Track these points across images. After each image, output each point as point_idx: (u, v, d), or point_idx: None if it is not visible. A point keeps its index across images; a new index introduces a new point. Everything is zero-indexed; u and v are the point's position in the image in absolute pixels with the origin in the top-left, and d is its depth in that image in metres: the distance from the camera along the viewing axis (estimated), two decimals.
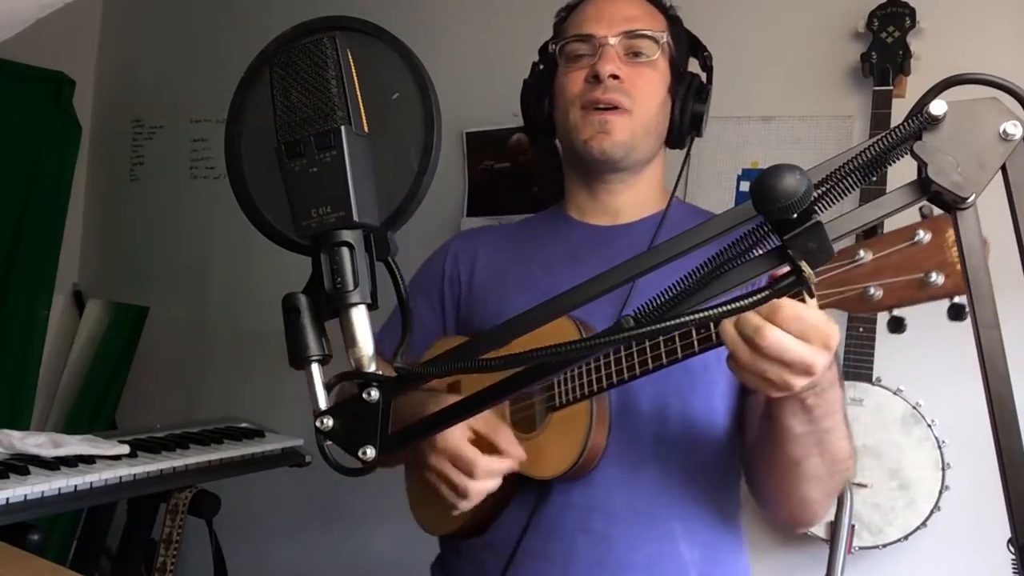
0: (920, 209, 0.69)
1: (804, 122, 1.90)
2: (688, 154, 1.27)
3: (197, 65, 2.90)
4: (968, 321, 0.59)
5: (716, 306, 0.59)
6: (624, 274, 0.64)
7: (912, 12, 1.71)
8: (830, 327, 0.81)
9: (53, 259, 2.99)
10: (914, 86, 1.74)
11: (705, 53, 1.28)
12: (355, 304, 0.64)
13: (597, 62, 1.17)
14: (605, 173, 1.23)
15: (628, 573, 1.09)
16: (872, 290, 0.78)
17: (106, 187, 3.18)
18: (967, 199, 0.58)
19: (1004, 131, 0.57)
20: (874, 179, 0.62)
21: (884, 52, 1.73)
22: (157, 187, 3.04)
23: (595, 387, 1.02)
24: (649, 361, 0.97)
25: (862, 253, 0.79)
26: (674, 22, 1.26)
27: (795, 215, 0.57)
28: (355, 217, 0.63)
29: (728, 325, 0.81)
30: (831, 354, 0.83)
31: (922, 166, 0.59)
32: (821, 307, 0.82)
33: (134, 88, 3.12)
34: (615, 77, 1.16)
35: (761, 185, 0.57)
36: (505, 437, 1.06)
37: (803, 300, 0.79)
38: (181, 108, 2.93)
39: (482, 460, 1.02)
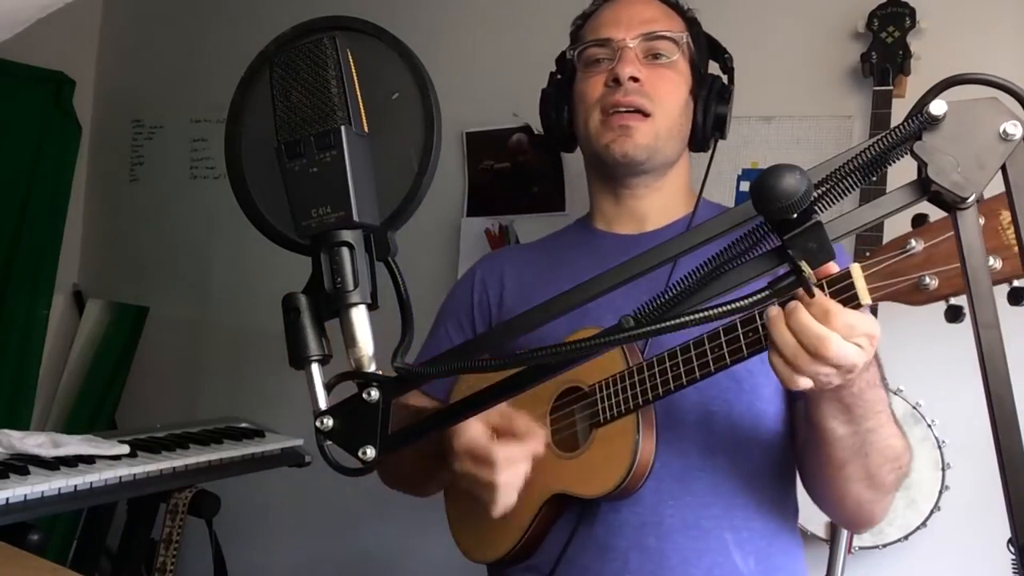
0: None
1: (804, 122, 1.90)
2: (712, 156, 1.25)
3: (197, 65, 2.90)
4: (967, 321, 0.59)
5: (716, 306, 0.59)
6: (624, 274, 0.64)
7: (912, 12, 1.71)
8: (876, 328, 0.81)
9: (53, 259, 2.99)
10: (914, 86, 1.74)
11: (726, 55, 1.27)
12: (355, 304, 0.64)
13: (616, 65, 1.15)
14: (628, 177, 1.20)
15: None
16: (927, 279, 0.77)
17: (106, 187, 3.18)
18: (967, 199, 0.58)
19: (1004, 131, 0.57)
20: (874, 179, 0.62)
21: (884, 52, 1.72)
22: (157, 187, 3.04)
23: (640, 400, 1.00)
24: (696, 370, 0.94)
25: (913, 242, 0.77)
26: (692, 24, 1.24)
27: (795, 215, 0.58)
28: (355, 217, 0.63)
29: (786, 333, 0.79)
30: (873, 351, 0.83)
31: (922, 166, 0.59)
32: (875, 300, 0.80)
33: (134, 88, 3.12)
34: (635, 80, 1.14)
35: (761, 185, 0.57)
36: (522, 422, 1.02)
37: (858, 304, 0.78)
38: (181, 108, 2.93)
39: (499, 449, 0.98)
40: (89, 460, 1.66)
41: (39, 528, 1.52)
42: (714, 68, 1.30)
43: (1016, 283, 0.73)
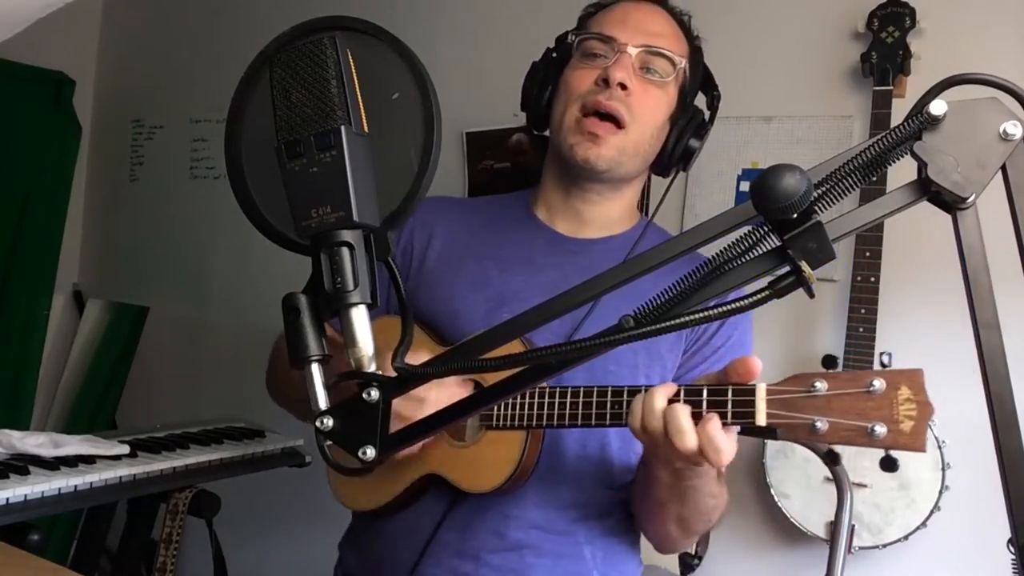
0: (880, 358, 0.76)
1: (804, 122, 1.90)
2: (669, 186, 1.28)
3: (197, 65, 2.90)
4: (968, 322, 0.59)
5: (716, 306, 0.59)
6: (624, 274, 0.64)
7: (912, 12, 1.71)
8: (730, 456, 0.91)
9: (53, 259, 2.99)
10: (914, 86, 1.74)
11: (715, 92, 1.27)
12: (355, 304, 0.64)
13: (611, 66, 1.15)
14: (583, 181, 1.21)
15: (534, 572, 1.16)
16: (819, 424, 0.82)
17: (106, 187, 3.19)
18: (967, 199, 0.58)
19: (1004, 131, 0.57)
20: (874, 179, 0.62)
21: (884, 52, 1.73)
22: (157, 187, 3.04)
23: (534, 423, 1.07)
24: (592, 418, 1.02)
25: (818, 384, 0.83)
26: (695, 52, 1.24)
27: (795, 215, 0.57)
28: (355, 217, 0.63)
29: (657, 405, 0.91)
30: None
31: (922, 166, 0.59)
32: (768, 426, 0.87)
33: (134, 88, 3.13)
34: (623, 87, 1.14)
35: (761, 185, 0.57)
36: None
37: (752, 423, 0.87)
38: (181, 108, 2.93)
39: (432, 391, 1.01)
40: (89, 460, 1.66)
41: (39, 528, 1.52)
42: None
43: (893, 453, 0.81)
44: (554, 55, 1.28)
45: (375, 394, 0.65)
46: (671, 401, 0.91)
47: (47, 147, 2.96)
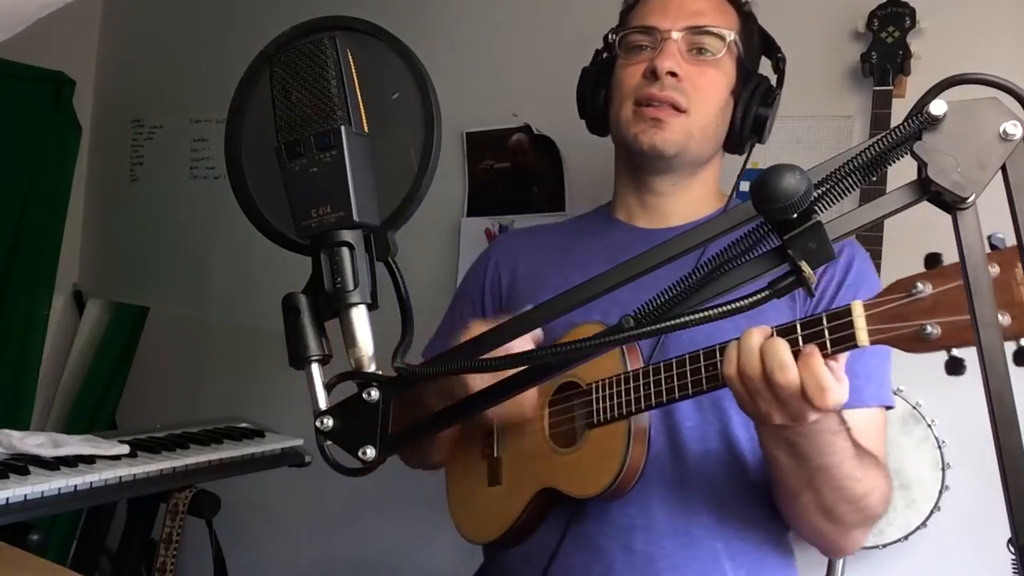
0: (989, 239, 0.64)
1: (804, 122, 1.90)
2: (747, 159, 1.21)
3: (197, 65, 2.90)
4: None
5: (716, 306, 0.59)
6: (625, 273, 0.64)
7: (912, 12, 1.71)
8: (838, 397, 0.82)
9: (53, 259, 2.99)
10: (914, 86, 1.74)
11: (779, 54, 1.22)
12: (355, 304, 0.64)
13: (656, 57, 1.11)
14: (654, 172, 1.17)
15: None
16: (929, 328, 0.73)
17: (106, 187, 3.18)
18: (967, 199, 0.58)
19: (1004, 131, 0.57)
20: (874, 179, 0.62)
21: (884, 52, 1.72)
22: (157, 187, 3.04)
23: (632, 407, 1.00)
24: (690, 386, 0.94)
25: (920, 286, 0.73)
26: (747, 19, 1.19)
27: (795, 215, 0.58)
28: (355, 217, 0.63)
29: (755, 342, 0.83)
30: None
31: (922, 166, 0.59)
32: (873, 343, 0.79)
33: (134, 88, 3.12)
34: (673, 74, 1.11)
35: (761, 185, 0.57)
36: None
37: (854, 344, 0.79)
38: (181, 108, 2.93)
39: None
40: (89, 460, 1.66)
41: (39, 528, 1.52)
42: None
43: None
44: (604, 55, 1.24)
45: (375, 394, 0.65)
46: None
47: (47, 147, 2.95)
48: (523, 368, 0.68)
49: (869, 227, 0.62)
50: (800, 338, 0.82)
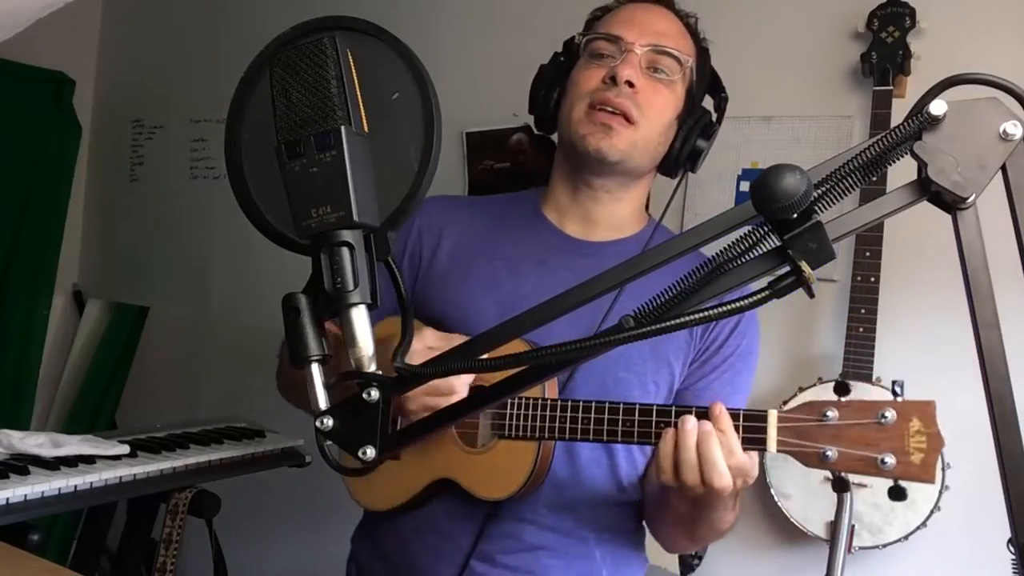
0: (893, 387, 0.79)
1: (804, 122, 1.90)
2: (677, 186, 1.28)
3: (197, 65, 2.90)
4: (968, 322, 0.59)
5: (716, 306, 0.59)
6: (614, 279, 0.64)
7: (912, 12, 1.71)
8: (755, 473, 0.97)
9: (53, 259, 2.99)
10: (914, 86, 1.74)
11: (723, 94, 1.28)
12: (355, 304, 0.64)
13: (618, 65, 1.16)
14: (593, 176, 1.21)
15: (550, 572, 1.19)
16: (829, 452, 0.84)
17: (106, 187, 3.19)
18: (967, 199, 0.58)
19: (1004, 131, 0.57)
20: (874, 179, 0.62)
21: (884, 52, 1.73)
22: (157, 187, 3.04)
23: (546, 435, 1.09)
24: (600, 432, 1.05)
25: (830, 414, 0.84)
26: (702, 53, 1.25)
27: (795, 215, 0.57)
28: (355, 217, 0.63)
29: (691, 452, 0.95)
30: None
31: (922, 166, 0.59)
32: (779, 451, 0.90)
33: (134, 88, 3.13)
34: (631, 85, 1.15)
35: (761, 185, 0.57)
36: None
37: (764, 448, 0.92)
38: (181, 108, 2.93)
39: (455, 380, 1.04)
40: (89, 460, 1.66)
41: (39, 528, 1.52)
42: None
43: (902, 483, 0.83)
44: (562, 58, 1.28)
45: (375, 394, 0.65)
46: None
47: (47, 147, 2.96)
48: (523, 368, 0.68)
49: (869, 227, 0.62)
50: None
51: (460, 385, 1.04)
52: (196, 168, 2.90)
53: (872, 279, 1.69)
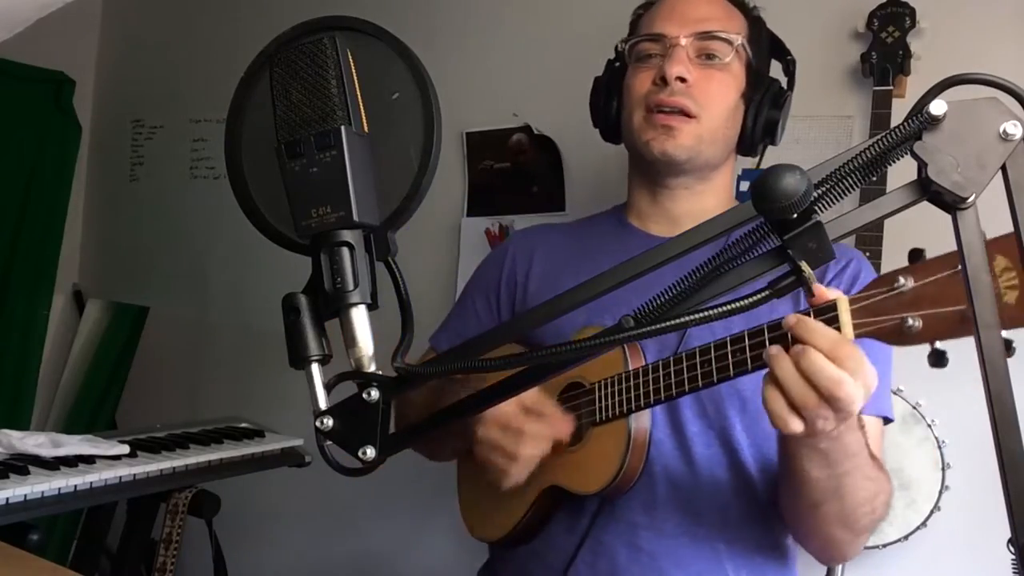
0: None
1: (804, 122, 1.90)
2: (760, 161, 1.24)
3: (197, 65, 2.90)
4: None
5: (716, 306, 0.59)
6: (625, 273, 0.64)
7: (912, 12, 1.71)
8: (873, 374, 0.80)
9: (53, 259, 2.99)
10: (914, 86, 1.74)
11: (789, 57, 1.25)
12: (355, 304, 0.64)
13: (665, 63, 1.13)
14: (667, 177, 1.19)
15: None
16: (911, 321, 0.73)
17: (106, 187, 3.18)
18: (967, 199, 0.58)
19: (1004, 131, 0.57)
20: (874, 179, 0.62)
21: (884, 52, 1.72)
22: (157, 187, 3.04)
23: (632, 405, 1.01)
24: (686, 382, 0.94)
25: (902, 280, 0.74)
26: (755, 23, 1.21)
27: (795, 215, 0.58)
28: (355, 217, 0.63)
29: (794, 373, 0.77)
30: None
31: (922, 166, 0.59)
32: (858, 336, 0.78)
33: (134, 88, 3.12)
34: (682, 80, 1.12)
35: (761, 185, 0.57)
36: (551, 407, 1.05)
37: (837, 329, 0.76)
38: (181, 108, 2.93)
39: (530, 425, 1.01)
40: (89, 460, 1.65)
41: (39, 528, 1.52)
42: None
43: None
44: (616, 64, 1.26)
45: (375, 394, 0.65)
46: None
47: (47, 147, 2.95)
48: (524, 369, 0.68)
49: (869, 227, 0.62)
50: (790, 336, 0.80)
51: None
52: (196, 168, 2.90)
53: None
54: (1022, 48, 1.69)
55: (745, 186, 1.94)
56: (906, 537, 1.64)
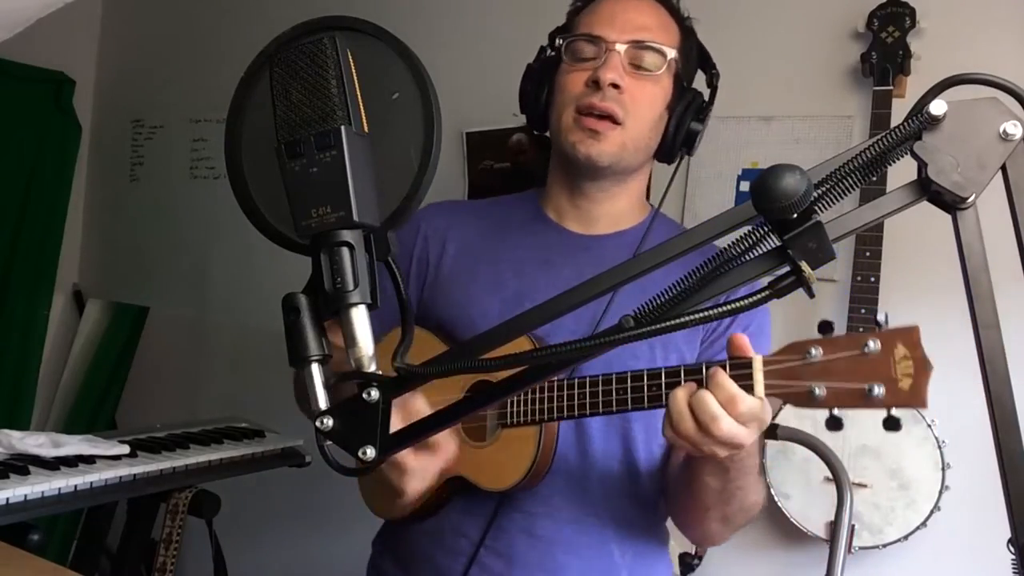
0: (876, 318, 0.78)
1: (804, 122, 1.90)
2: (675, 171, 1.27)
3: (197, 65, 2.90)
4: (968, 322, 0.59)
5: (716, 306, 0.59)
6: (617, 278, 0.64)
7: (912, 12, 1.71)
8: (768, 417, 0.91)
9: (53, 259, 2.99)
10: (914, 86, 1.74)
11: (713, 71, 1.26)
12: (355, 304, 0.64)
13: (600, 68, 1.15)
14: (587, 180, 1.22)
15: (565, 573, 1.16)
16: (817, 390, 0.82)
17: (106, 187, 3.19)
18: (967, 199, 0.58)
19: (1004, 131, 0.57)
20: (874, 179, 0.62)
21: (884, 52, 1.73)
22: (157, 187, 3.04)
23: (546, 416, 1.07)
24: (600, 405, 1.02)
25: (814, 351, 0.83)
26: (687, 34, 1.23)
27: (795, 215, 0.58)
28: (355, 217, 0.63)
29: (682, 402, 0.89)
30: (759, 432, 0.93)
31: (922, 166, 0.59)
32: (767, 395, 0.87)
33: (134, 88, 3.12)
34: (615, 86, 1.14)
35: (761, 185, 0.57)
36: (440, 436, 1.04)
37: (750, 386, 0.88)
38: (181, 108, 2.93)
39: (413, 462, 1.01)
40: (89, 460, 1.66)
41: (39, 528, 1.52)
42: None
43: (894, 411, 0.80)
44: (549, 53, 1.27)
45: (375, 394, 0.65)
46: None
47: (47, 147, 2.96)
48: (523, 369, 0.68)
49: (869, 227, 0.62)
50: (705, 379, 0.90)
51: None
52: (196, 168, 2.90)
53: (872, 279, 1.69)
54: (1022, 48, 1.69)
55: (745, 186, 1.95)
56: (906, 537, 1.64)
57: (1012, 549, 0.57)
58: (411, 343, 0.68)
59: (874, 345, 0.79)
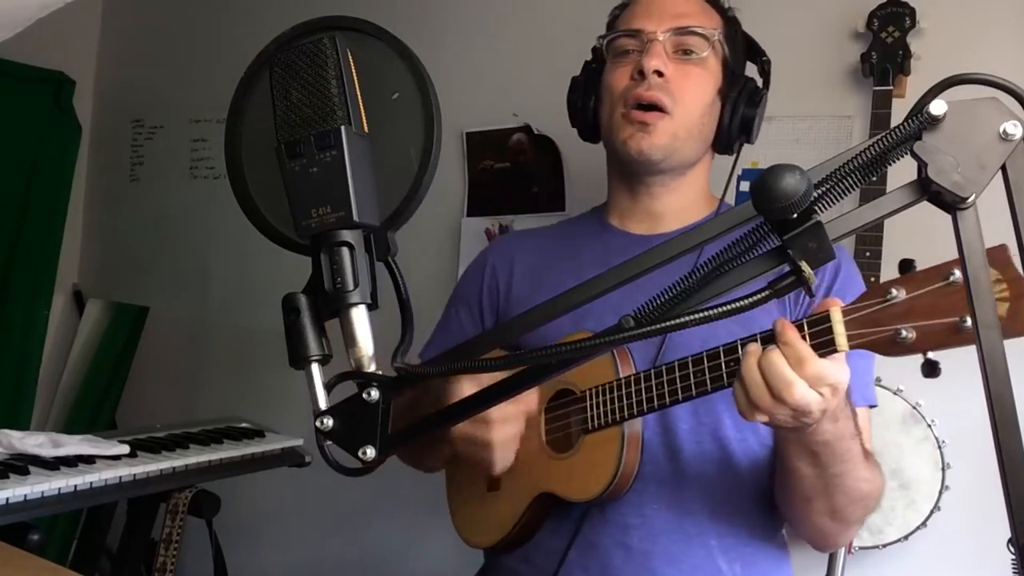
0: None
1: (804, 122, 1.90)
2: (736, 160, 1.24)
3: (197, 65, 2.90)
4: (967, 322, 0.59)
5: (716, 306, 0.59)
6: (624, 274, 0.64)
7: (912, 12, 1.71)
8: (844, 379, 0.84)
9: (53, 259, 2.99)
10: (914, 86, 1.74)
11: (764, 58, 1.25)
12: (355, 304, 0.64)
13: (643, 57, 1.14)
14: (645, 175, 1.19)
15: None
16: (904, 332, 0.75)
17: (106, 187, 3.18)
18: (967, 199, 0.58)
19: (1004, 131, 0.57)
20: (874, 179, 0.62)
21: (884, 52, 1.72)
22: (157, 187, 3.04)
23: (626, 413, 1.02)
24: (679, 392, 0.97)
25: (894, 291, 0.76)
26: (730, 23, 1.23)
27: (795, 215, 0.58)
28: (355, 217, 0.63)
29: (754, 369, 0.83)
30: (835, 401, 0.86)
31: (922, 166, 0.59)
32: (851, 347, 0.81)
33: (134, 88, 3.12)
34: (659, 74, 1.13)
35: (761, 185, 0.57)
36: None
37: (834, 349, 0.81)
38: (181, 108, 2.93)
39: (493, 408, 0.99)
40: (89, 460, 1.65)
41: (39, 528, 1.52)
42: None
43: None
44: (593, 65, 1.27)
45: (375, 394, 0.65)
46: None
47: (47, 147, 2.95)
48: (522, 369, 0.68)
49: (869, 227, 0.62)
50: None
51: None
52: (196, 168, 2.90)
53: (872, 279, 1.69)
54: (1022, 48, 1.69)
55: (745, 186, 1.95)
56: (906, 537, 1.64)
57: (1012, 549, 0.57)
58: (411, 343, 0.68)
59: (959, 272, 0.70)
